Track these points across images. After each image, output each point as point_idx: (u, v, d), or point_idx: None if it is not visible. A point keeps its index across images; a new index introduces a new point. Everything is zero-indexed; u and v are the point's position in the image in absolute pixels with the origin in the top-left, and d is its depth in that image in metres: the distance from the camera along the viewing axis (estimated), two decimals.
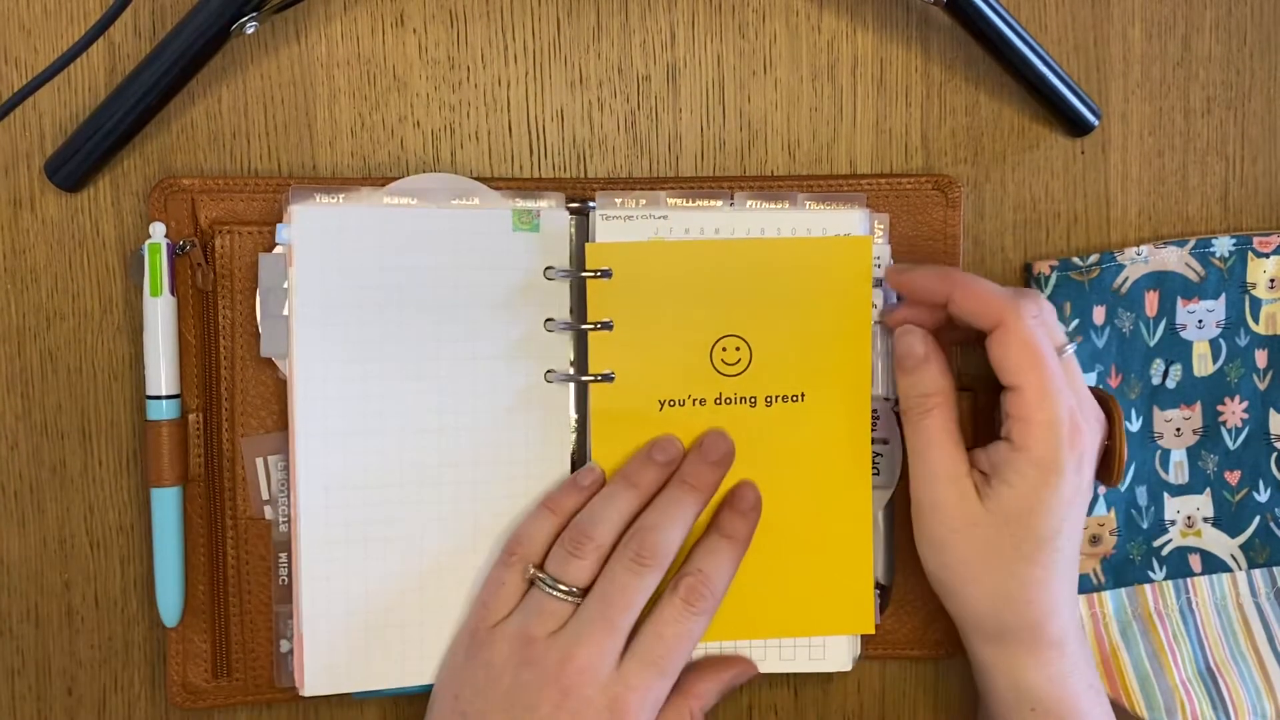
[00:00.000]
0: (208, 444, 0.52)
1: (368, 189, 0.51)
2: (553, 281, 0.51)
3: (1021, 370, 0.47)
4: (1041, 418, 0.47)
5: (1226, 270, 0.57)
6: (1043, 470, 0.47)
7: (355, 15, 0.54)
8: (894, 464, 0.54)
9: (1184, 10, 0.58)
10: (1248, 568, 0.58)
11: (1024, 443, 0.47)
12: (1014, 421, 0.48)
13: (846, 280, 0.52)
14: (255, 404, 0.51)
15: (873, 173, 0.56)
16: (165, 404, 0.51)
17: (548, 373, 0.51)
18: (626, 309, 0.51)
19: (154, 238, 0.50)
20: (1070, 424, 0.47)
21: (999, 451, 0.48)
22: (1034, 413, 0.47)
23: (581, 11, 0.55)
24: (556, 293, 0.52)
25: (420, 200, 0.51)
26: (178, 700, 0.52)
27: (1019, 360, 0.47)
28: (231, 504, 0.51)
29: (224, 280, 0.51)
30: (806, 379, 0.52)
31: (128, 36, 0.53)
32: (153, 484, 0.51)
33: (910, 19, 0.57)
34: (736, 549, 0.50)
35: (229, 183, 0.52)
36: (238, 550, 0.52)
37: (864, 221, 0.53)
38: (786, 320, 0.52)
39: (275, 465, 0.51)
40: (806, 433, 0.52)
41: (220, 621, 0.52)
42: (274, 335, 0.50)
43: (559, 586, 0.48)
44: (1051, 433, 0.47)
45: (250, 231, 0.51)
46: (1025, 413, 0.47)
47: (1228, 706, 0.56)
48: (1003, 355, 0.48)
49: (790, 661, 0.54)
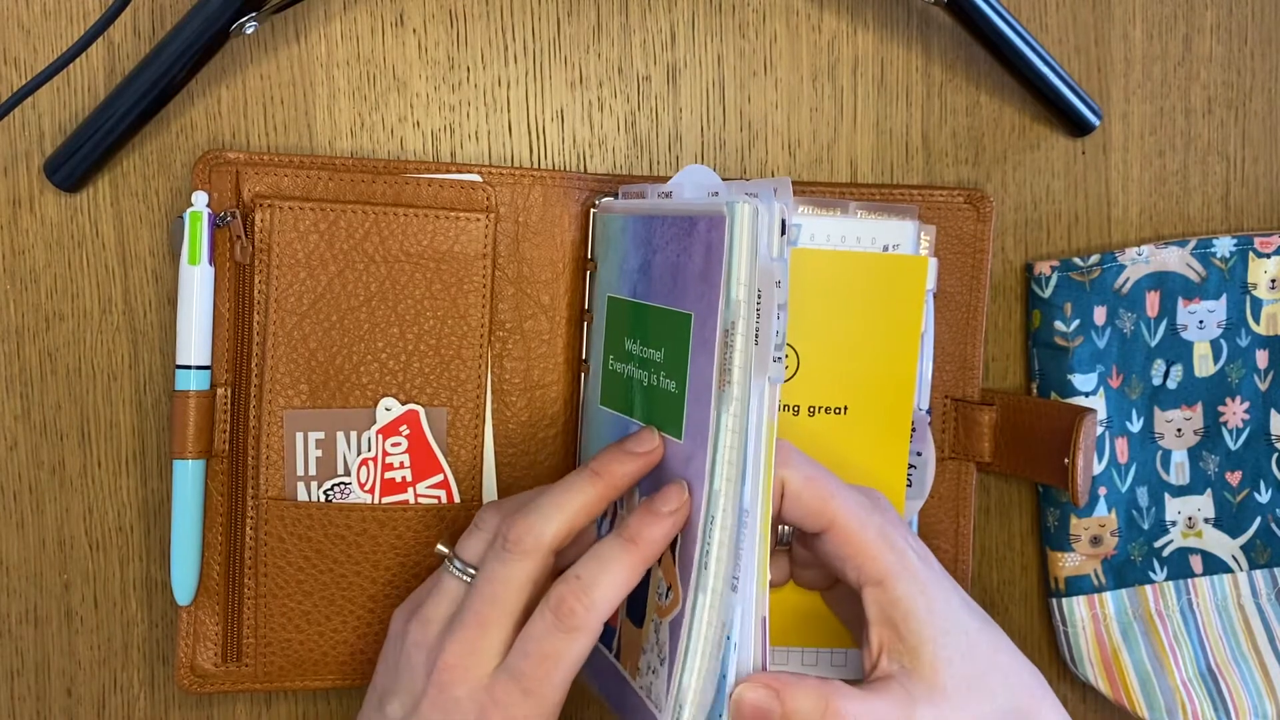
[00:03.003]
0: (234, 420, 0.51)
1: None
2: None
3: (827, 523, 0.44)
4: (861, 543, 0.44)
5: (1227, 270, 0.57)
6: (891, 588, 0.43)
7: (355, 15, 0.54)
8: (926, 476, 0.54)
9: (1185, 10, 0.58)
10: (1249, 568, 0.58)
11: (868, 576, 0.44)
12: (845, 563, 0.44)
13: (899, 298, 0.52)
14: (285, 381, 0.51)
15: (911, 184, 0.57)
16: (194, 374, 0.50)
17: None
18: None
19: (196, 206, 0.50)
20: (876, 530, 0.44)
21: (867, 604, 0.44)
22: (858, 547, 0.44)
23: (581, 11, 0.55)
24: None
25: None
26: (184, 683, 0.52)
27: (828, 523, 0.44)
28: (254, 483, 0.51)
29: (261, 254, 0.50)
30: (851, 392, 0.52)
31: (127, 36, 0.52)
32: (175, 455, 0.51)
33: (911, 19, 0.56)
34: (635, 557, 0.42)
35: (275, 158, 0.51)
36: (256, 532, 0.51)
37: (914, 232, 0.52)
38: (837, 332, 0.51)
39: (313, 442, 0.51)
40: (846, 446, 0.52)
41: (234, 605, 0.52)
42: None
43: (455, 562, 0.45)
44: (874, 549, 0.44)
45: (292, 207, 0.50)
46: (850, 550, 0.44)
47: (1229, 707, 0.56)
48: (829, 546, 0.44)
49: (813, 667, 0.54)
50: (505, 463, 0.53)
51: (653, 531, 0.42)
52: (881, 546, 0.43)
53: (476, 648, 0.42)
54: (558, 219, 0.53)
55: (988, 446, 0.55)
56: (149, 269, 0.53)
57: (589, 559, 0.42)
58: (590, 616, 0.41)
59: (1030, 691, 0.44)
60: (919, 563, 0.44)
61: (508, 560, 0.42)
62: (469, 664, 0.42)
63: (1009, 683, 0.44)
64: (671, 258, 0.44)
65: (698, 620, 0.41)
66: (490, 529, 0.45)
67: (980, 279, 0.55)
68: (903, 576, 0.43)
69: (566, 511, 0.43)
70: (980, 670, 0.43)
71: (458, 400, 0.52)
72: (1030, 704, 0.44)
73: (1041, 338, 0.56)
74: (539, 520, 0.43)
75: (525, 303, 0.53)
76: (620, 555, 0.42)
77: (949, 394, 0.56)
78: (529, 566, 0.43)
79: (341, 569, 0.51)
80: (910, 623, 0.43)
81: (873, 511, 0.44)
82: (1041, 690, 0.45)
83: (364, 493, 0.51)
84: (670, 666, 0.41)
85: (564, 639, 0.41)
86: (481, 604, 0.42)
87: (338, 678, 0.52)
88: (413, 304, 0.51)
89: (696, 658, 0.41)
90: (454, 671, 0.42)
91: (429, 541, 0.52)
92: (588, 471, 0.44)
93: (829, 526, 0.44)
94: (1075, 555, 0.56)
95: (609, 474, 0.44)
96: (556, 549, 0.43)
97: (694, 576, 0.41)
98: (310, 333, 0.51)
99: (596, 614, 0.41)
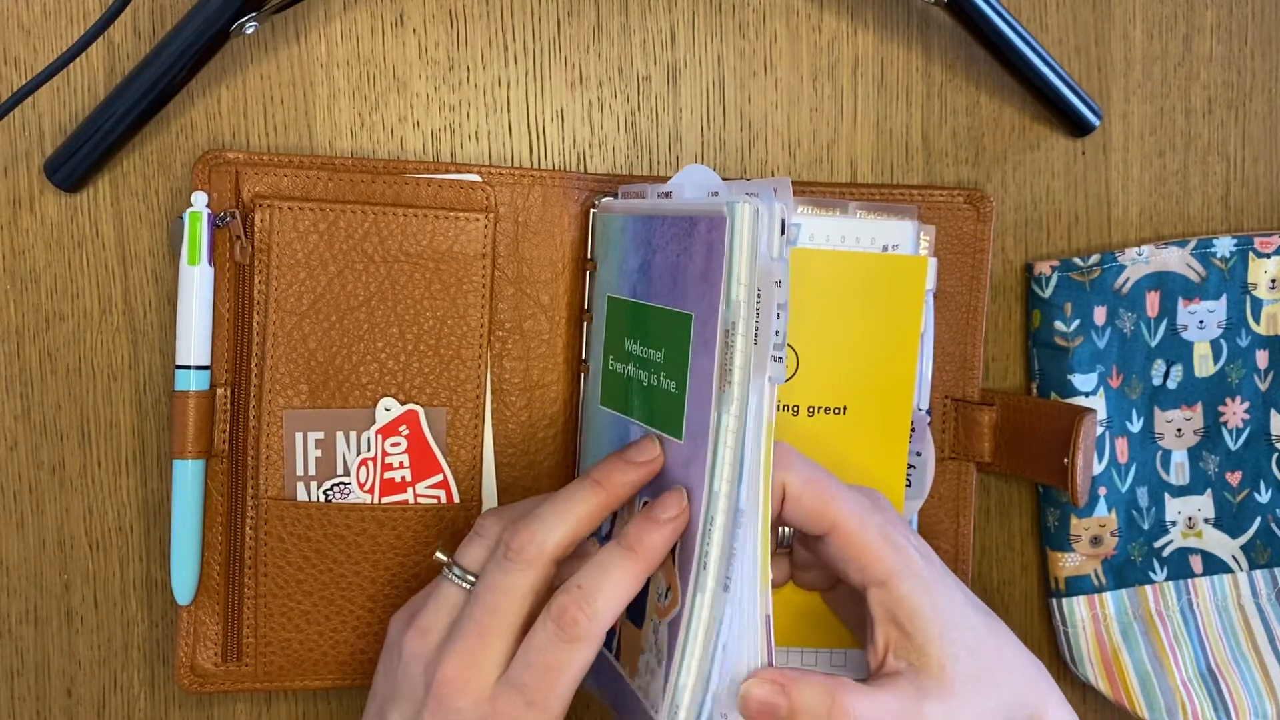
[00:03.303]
0: (234, 420, 0.51)
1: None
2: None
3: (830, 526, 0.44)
4: (863, 544, 0.44)
5: (1227, 271, 0.57)
6: (894, 580, 0.44)
7: (355, 15, 0.54)
8: (925, 476, 0.54)
9: (1185, 10, 0.58)
10: (1249, 568, 0.58)
11: (872, 577, 0.44)
12: (848, 564, 0.44)
13: (898, 298, 0.51)
14: (284, 381, 0.51)
15: (911, 184, 0.57)
16: (194, 374, 0.50)
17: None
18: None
19: (195, 206, 0.50)
20: (877, 529, 0.44)
21: (872, 605, 0.44)
22: (860, 548, 0.44)
23: (581, 11, 0.55)
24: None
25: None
26: (184, 683, 0.52)
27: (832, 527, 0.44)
28: (254, 483, 0.51)
29: (261, 254, 0.50)
30: (850, 392, 0.52)
31: (127, 36, 0.52)
32: (175, 455, 0.51)
33: (911, 19, 0.56)
34: (637, 565, 0.42)
35: (275, 158, 0.51)
36: (256, 532, 0.51)
37: (914, 232, 0.52)
38: (836, 333, 0.51)
39: (313, 442, 0.51)
40: (845, 446, 0.52)
41: (234, 604, 0.52)
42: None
43: (454, 570, 0.44)
44: (877, 548, 0.44)
45: (291, 207, 0.50)
46: (853, 551, 0.44)
47: (1229, 707, 0.56)
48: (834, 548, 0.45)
49: (813, 667, 0.53)
50: (505, 463, 0.53)
51: (653, 539, 0.42)
52: (884, 547, 0.44)
53: (477, 659, 0.42)
54: (557, 219, 0.53)
55: (988, 446, 0.55)
56: (149, 269, 0.53)
57: (590, 568, 0.42)
58: (593, 626, 0.41)
59: (1035, 685, 0.44)
60: (921, 561, 0.44)
61: (510, 570, 0.42)
62: (469, 676, 0.41)
63: (1014, 678, 0.44)
64: (671, 258, 0.44)
65: (695, 621, 0.41)
66: (491, 536, 0.45)
67: (980, 279, 0.55)
68: (906, 576, 0.43)
69: (569, 521, 0.43)
70: (987, 665, 0.43)
71: (457, 400, 0.52)
72: (1036, 697, 0.44)
73: (1041, 338, 0.56)
74: (542, 529, 0.42)
75: (525, 302, 0.53)
76: (622, 563, 0.41)
77: (949, 394, 0.56)
78: (531, 576, 0.42)
79: (341, 569, 0.51)
80: (917, 621, 0.43)
81: (873, 512, 0.44)
82: (1046, 684, 0.45)
83: (363, 493, 0.51)
84: (668, 666, 0.41)
85: (567, 649, 0.41)
86: (482, 614, 0.42)
87: (337, 677, 0.52)
88: (412, 304, 0.51)
89: (694, 658, 0.41)
90: (454, 684, 0.41)
91: (428, 542, 0.52)
92: (590, 480, 0.44)
93: (830, 529, 0.44)
94: (1075, 555, 0.56)
95: (610, 483, 0.44)
96: (559, 558, 0.43)
97: (693, 577, 0.41)
98: (310, 333, 0.51)
99: (599, 623, 0.41)
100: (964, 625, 0.44)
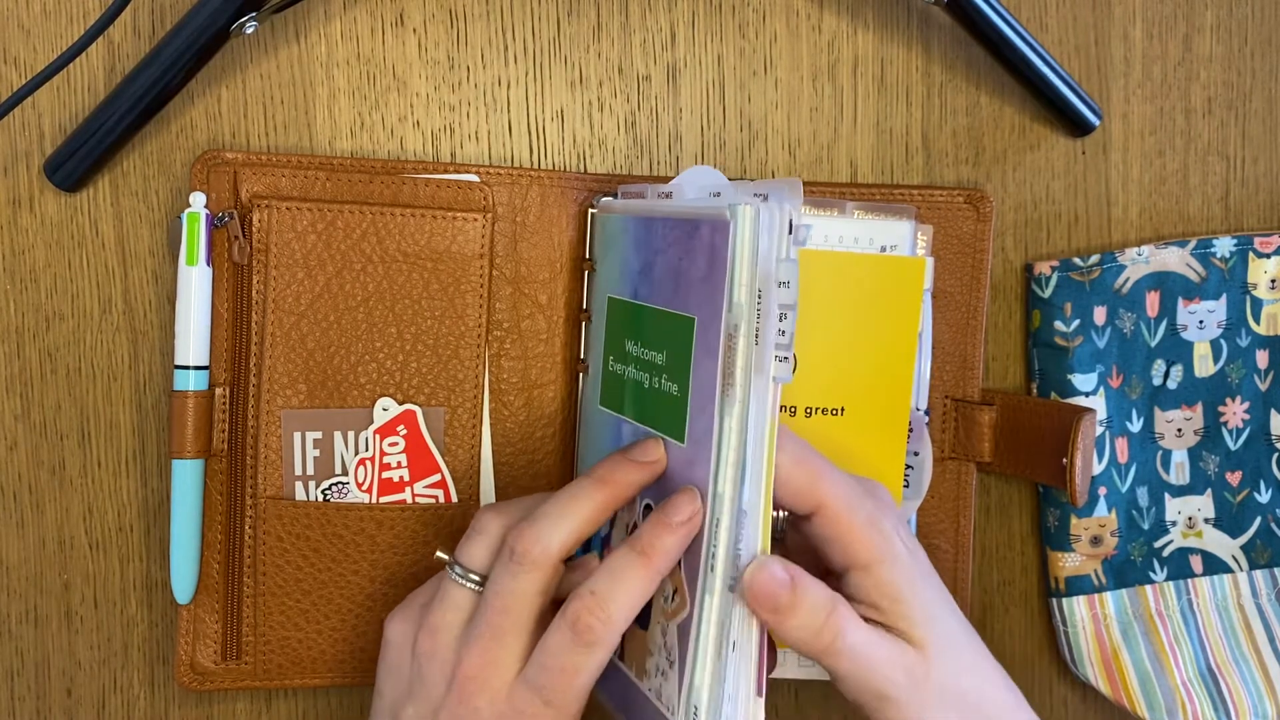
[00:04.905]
0: (232, 420, 0.52)
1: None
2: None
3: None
4: (848, 526, 0.43)
5: (1227, 271, 0.57)
6: (882, 563, 0.43)
7: (355, 15, 0.54)
8: (923, 476, 0.54)
9: (1185, 10, 0.58)
10: (1249, 569, 0.58)
11: (854, 559, 0.43)
12: (832, 545, 0.44)
13: (896, 299, 0.51)
14: (283, 381, 0.51)
15: (911, 184, 0.57)
16: (193, 374, 0.50)
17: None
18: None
19: (193, 207, 0.50)
20: (866, 515, 0.44)
21: (851, 588, 0.44)
22: (845, 529, 0.43)
23: (581, 11, 0.55)
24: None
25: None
26: (184, 681, 0.52)
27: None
28: (252, 483, 0.51)
29: (259, 254, 0.50)
30: (847, 393, 0.52)
31: (127, 36, 0.53)
32: (174, 455, 0.51)
33: (911, 19, 0.56)
34: (650, 568, 0.41)
35: (273, 158, 0.51)
36: (255, 531, 0.51)
37: (911, 232, 0.52)
38: (834, 334, 0.51)
39: (311, 441, 0.51)
40: (842, 447, 0.51)
41: (233, 603, 0.52)
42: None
43: (455, 568, 0.45)
44: (862, 532, 0.43)
45: (289, 207, 0.50)
46: (837, 532, 0.43)
47: (1229, 707, 0.56)
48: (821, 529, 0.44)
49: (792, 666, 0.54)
50: (503, 462, 0.53)
51: (665, 542, 0.41)
52: (870, 531, 0.43)
53: (495, 658, 0.42)
54: (555, 219, 0.53)
55: (988, 446, 0.55)
56: (149, 269, 0.53)
57: (603, 573, 0.42)
58: (607, 631, 0.41)
59: (1004, 704, 0.44)
60: (907, 554, 0.44)
61: (518, 574, 0.42)
62: (488, 674, 0.42)
63: (984, 691, 0.44)
64: (673, 260, 0.44)
65: (706, 623, 0.41)
66: (491, 534, 0.45)
67: (980, 279, 0.55)
68: (889, 562, 0.43)
69: (573, 520, 0.43)
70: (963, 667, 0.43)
71: (455, 400, 0.52)
72: (1001, 716, 0.44)
73: (1041, 338, 0.56)
74: (547, 530, 0.42)
75: (523, 302, 0.53)
76: (634, 568, 0.41)
77: (949, 394, 0.56)
78: (538, 578, 0.42)
79: (340, 568, 0.52)
80: (899, 606, 0.43)
81: (864, 497, 0.44)
82: (1013, 716, 0.45)
83: (361, 492, 0.52)
84: (681, 668, 0.41)
85: (582, 653, 0.41)
86: (495, 616, 0.42)
87: (336, 675, 0.52)
88: (410, 304, 0.51)
89: (708, 659, 0.41)
90: (474, 682, 0.42)
91: (426, 541, 0.52)
92: (593, 479, 0.43)
93: (817, 509, 0.43)
94: (1075, 555, 0.56)
95: (614, 482, 0.43)
96: (564, 558, 0.43)
97: (700, 580, 0.41)
98: (308, 333, 0.51)
99: (613, 628, 0.41)
100: (944, 622, 0.44)
